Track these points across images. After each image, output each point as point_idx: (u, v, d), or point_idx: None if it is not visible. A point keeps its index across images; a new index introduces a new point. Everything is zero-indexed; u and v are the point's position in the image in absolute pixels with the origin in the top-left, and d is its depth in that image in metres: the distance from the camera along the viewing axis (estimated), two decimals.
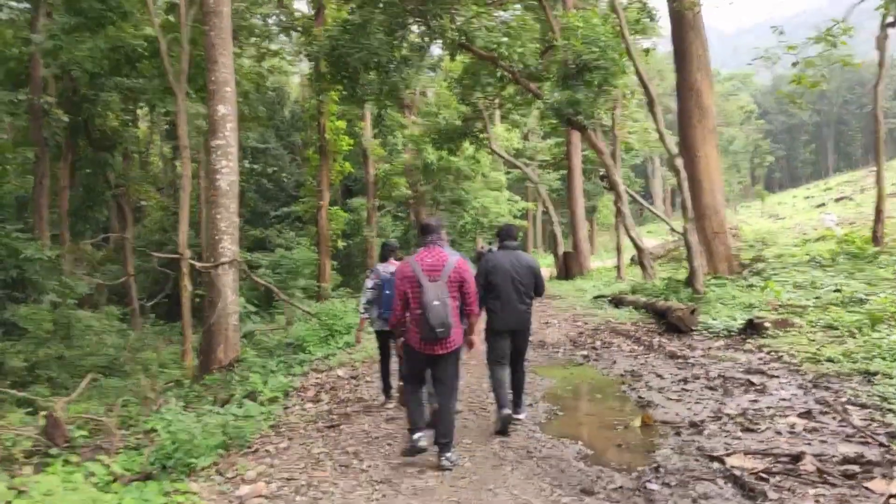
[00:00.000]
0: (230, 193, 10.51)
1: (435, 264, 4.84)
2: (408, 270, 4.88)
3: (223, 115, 10.59)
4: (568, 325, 12.38)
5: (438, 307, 4.64)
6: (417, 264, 4.85)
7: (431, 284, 4.72)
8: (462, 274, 4.87)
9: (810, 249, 17.47)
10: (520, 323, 5.80)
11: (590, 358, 8.89)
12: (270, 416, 6.62)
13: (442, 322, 4.63)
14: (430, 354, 4.84)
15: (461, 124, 27.18)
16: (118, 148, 23.38)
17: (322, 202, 25.05)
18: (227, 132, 10.58)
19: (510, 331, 5.79)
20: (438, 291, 4.70)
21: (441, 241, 5.07)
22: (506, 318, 5.72)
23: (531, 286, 5.81)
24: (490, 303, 5.75)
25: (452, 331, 4.75)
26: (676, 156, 13.04)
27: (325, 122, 24.99)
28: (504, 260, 5.80)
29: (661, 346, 9.36)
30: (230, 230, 10.49)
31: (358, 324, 7.38)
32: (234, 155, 10.76)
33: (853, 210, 46.05)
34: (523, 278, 5.74)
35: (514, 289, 5.70)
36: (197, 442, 5.22)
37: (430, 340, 4.74)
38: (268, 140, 40.06)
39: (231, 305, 10.33)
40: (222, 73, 10.62)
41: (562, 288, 21.11)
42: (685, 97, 14.10)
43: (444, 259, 4.87)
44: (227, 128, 10.61)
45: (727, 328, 10.04)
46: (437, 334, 4.65)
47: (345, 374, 8.86)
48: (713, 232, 13.69)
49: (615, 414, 6.02)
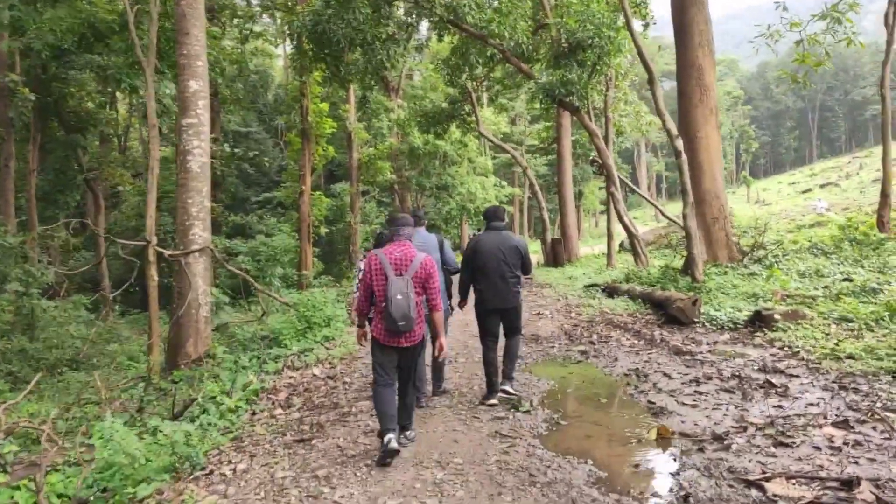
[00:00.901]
0: (202, 176, 9.78)
1: (402, 259, 4.87)
2: (375, 263, 4.88)
3: (195, 91, 9.84)
4: (561, 316, 11.70)
5: (401, 301, 4.69)
6: (385, 257, 4.86)
7: (397, 279, 4.76)
8: (428, 270, 4.90)
9: (808, 235, 16.94)
10: (506, 301, 5.97)
11: (588, 354, 8.20)
12: (234, 425, 5.87)
13: (404, 315, 4.69)
14: (395, 346, 4.89)
15: (448, 107, 26.35)
16: (92, 130, 22.43)
17: (304, 187, 24.23)
18: (199, 110, 9.85)
19: (498, 310, 6.02)
20: (403, 286, 4.74)
21: (409, 236, 5.06)
22: (492, 298, 5.97)
23: (517, 266, 5.99)
24: (477, 283, 6.02)
25: (415, 324, 4.81)
26: (677, 137, 12.34)
27: (308, 105, 24.18)
28: (490, 241, 5.99)
29: (663, 341, 8.70)
30: (202, 215, 9.76)
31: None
32: (207, 134, 10.01)
33: (839, 195, 45.95)
34: (509, 258, 5.91)
35: (500, 269, 5.89)
36: (139, 465, 4.46)
37: (393, 333, 4.79)
38: (250, 124, 39.05)
39: (202, 296, 9.62)
40: (194, 47, 9.89)
41: (551, 276, 20.45)
42: (686, 75, 13.39)
43: (411, 255, 4.90)
44: (199, 105, 9.87)
45: (732, 320, 9.43)
46: (399, 328, 4.71)
47: (321, 374, 8.11)
48: (713, 217, 13.04)
49: (625, 423, 5.33)
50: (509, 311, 6.06)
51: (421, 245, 5.74)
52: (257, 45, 35.44)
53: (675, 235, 25.80)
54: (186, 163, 9.67)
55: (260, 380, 7.83)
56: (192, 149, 9.70)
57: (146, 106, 11.22)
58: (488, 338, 6.16)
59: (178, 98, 10.05)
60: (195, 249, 9.54)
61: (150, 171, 11.40)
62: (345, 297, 14.33)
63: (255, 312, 13.77)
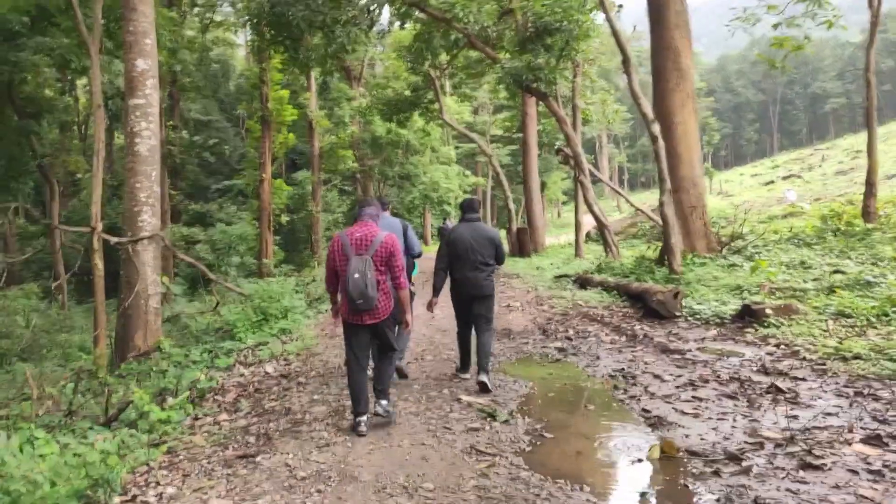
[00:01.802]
0: (150, 159, 9.15)
1: (363, 238, 4.90)
2: (337, 244, 4.95)
3: (142, 70, 9.18)
4: (533, 308, 10.99)
5: (358, 280, 4.70)
6: (347, 237, 4.93)
7: (356, 258, 4.79)
8: (389, 248, 4.91)
9: (784, 226, 16.53)
10: (479, 289, 6.18)
11: (566, 351, 7.48)
12: (170, 434, 5.02)
13: (361, 293, 4.69)
14: (360, 324, 4.92)
15: (411, 94, 25.48)
16: (48, 117, 21.30)
17: (264, 175, 23.33)
18: (148, 90, 9.21)
19: (471, 297, 6.23)
20: (360, 265, 4.75)
21: (373, 217, 5.11)
22: (467, 286, 6.20)
23: (491, 256, 6.21)
24: (453, 272, 6.27)
25: (377, 302, 4.81)
26: (653, 121, 11.70)
27: (268, 92, 23.27)
28: (465, 232, 6.22)
29: (647, 337, 8.03)
30: (150, 201, 9.12)
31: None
32: (156, 116, 9.38)
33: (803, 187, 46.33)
34: (483, 249, 6.14)
35: (474, 259, 6.11)
36: (43, 493, 3.61)
37: (354, 311, 4.84)
38: (210, 112, 37.71)
39: (151, 286, 8.99)
40: (141, 23, 9.23)
41: (518, 266, 19.79)
42: (661, 57, 12.75)
43: (373, 234, 4.93)
44: (148, 85, 9.23)
45: (717, 314, 8.83)
46: (357, 306, 4.74)
47: (274, 372, 7.26)
48: (690, 206, 12.46)
49: (620, 436, 4.60)
50: (483, 298, 6.24)
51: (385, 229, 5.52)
52: (218, 34, 34.26)
53: (642, 225, 25.39)
54: (134, 146, 9.08)
55: (209, 377, 7.02)
56: (141, 131, 9.11)
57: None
58: (462, 324, 6.51)
59: (125, 78, 9.37)
60: (144, 237, 8.93)
61: (96, 154, 10.63)
62: (304, 286, 13.45)
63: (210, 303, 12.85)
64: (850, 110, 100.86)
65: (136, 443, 4.78)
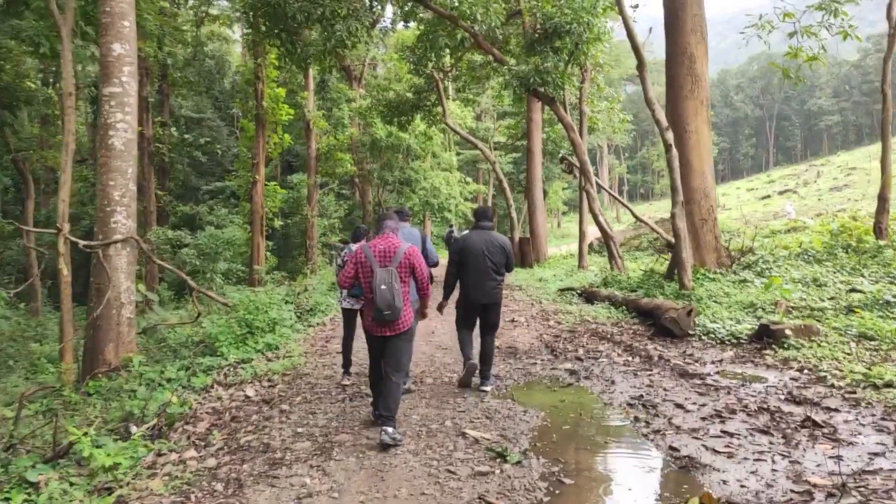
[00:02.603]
0: (126, 155, 8.40)
1: (386, 251, 5.04)
2: (361, 256, 5.11)
3: (119, 55, 8.45)
4: (538, 324, 10.46)
5: (385, 291, 4.87)
6: (370, 251, 5.07)
7: (381, 270, 4.96)
8: (411, 260, 5.09)
9: (788, 241, 16.04)
10: (490, 297, 6.31)
11: (578, 374, 6.94)
12: (123, 479, 4.36)
13: (388, 305, 4.86)
14: (381, 336, 5.08)
15: (413, 97, 24.95)
16: (26, 108, 20.53)
17: (257, 176, 22.61)
18: (125, 77, 8.45)
19: (482, 304, 6.36)
20: (387, 276, 4.92)
21: (394, 229, 5.27)
22: (477, 293, 6.32)
23: (502, 264, 6.35)
24: (463, 279, 6.37)
25: (401, 313, 4.95)
26: (667, 128, 11.21)
27: (264, 89, 22.57)
28: (478, 240, 6.34)
29: (661, 358, 7.51)
30: (125, 200, 8.37)
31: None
32: (133, 107, 8.60)
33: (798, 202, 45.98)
34: (494, 257, 6.27)
35: (486, 267, 6.24)
36: None
37: (379, 322, 4.98)
38: (203, 110, 37.04)
39: (125, 294, 8.26)
40: (119, 4, 8.51)
41: (520, 277, 19.27)
42: (676, 63, 12.27)
43: (395, 246, 5.08)
44: (125, 72, 8.48)
45: (733, 334, 8.33)
46: (384, 316, 4.88)
47: (255, 395, 6.66)
48: (701, 219, 11.96)
49: (649, 482, 4.07)
50: (491, 305, 6.36)
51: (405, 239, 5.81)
52: (214, 28, 33.65)
53: (644, 237, 24.91)
54: (108, 139, 8.33)
55: (181, 400, 6.41)
56: (115, 122, 8.36)
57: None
58: (466, 326, 6.57)
59: (100, 63, 8.61)
60: (117, 240, 8.20)
61: (65, 148, 9.89)
62: (294, 296, 12.86)
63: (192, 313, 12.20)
64: (844, 127, 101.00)
65: (81, 488, 4.12)
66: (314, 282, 16.03)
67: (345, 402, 6.19)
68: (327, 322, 11.52)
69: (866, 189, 51.86)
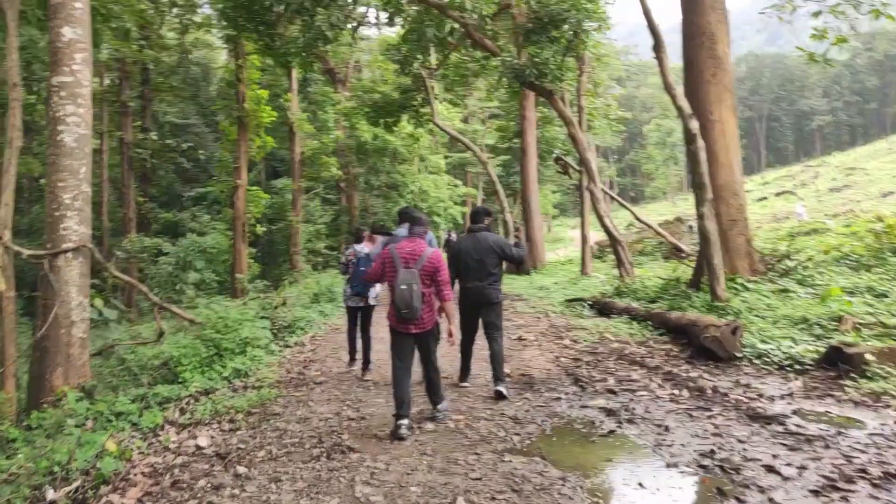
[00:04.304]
0: (78, 152, 7.25)
1: (412, 253, 5.29)
2: (387, 256, 5.37)
3: (70, 40, 7.35)
4: (551, 343, 8.98)
5: (404, 291, 5.09)
6: (396, 252, 5.30)
7: (405, 271, 5.18)
8: (435, 264, 5.30)
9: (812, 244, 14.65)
10: (486, 297, 6.38)
11: (618, 416, 5.45)
12: None
13: (407, 304, 5.09)
14: (406, 332, 5.28)
15: (399, 96, 23.48)
16: None
17: (239, 181, 21.26)
18: (76, 65, 7.32)
19: (478, 304, 6.44)
20: (409, 277, 5.14)
21: (421, 235, 5.47)
22: (470, 295, 6.48)
23: (495, 265, 6.40)
24: (461, 281, 6.52)
25: (421, 313, 5.18)
26: (691, 116, 9.83)
27: (245, 91, 21.22)
28: (468, 244, 6.46)
29: (716, 391, 6.06)
30: (77, 204, 7.17)
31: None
32: (88, 99, 7.44)
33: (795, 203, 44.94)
34: (485, 258, 6.35)
35: (478, 269, 6.36)
36: None
37: (401, 320, 5.23)
38: (188, 116, 35.57)
39: (76, 310, 7.03)
40: None
41: (517, 285, 17.84)
42: (695, 45, 10.86)
43: (420, 250, 5.31)
44: (77, 59, 7.35)
45: (792, 357, 6.92)
46: (403, 315, 5.15)
47: (209, 445, 5.15)
48: (730, 220, 10.52)
49: None
50: (490, 305, 6.40)
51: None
52: (199, 35, 32.32)
53: (647, 242, 23.57)
54: (57, 134, 7.15)
55: (120, 448, 4.98)
56: (66, 116, 7.18)
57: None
58: (466, 332, 6.62)
59: (49, 50, 7.52)
60: (67, 248, 6.97)
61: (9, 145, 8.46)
62: (271, 310, 11.28)
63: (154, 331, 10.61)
64: (837, 128, 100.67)
65: None
66: (295, 292, 14.49)
67: (321, 461, 4.68)
68: (307, 342, 9.96)
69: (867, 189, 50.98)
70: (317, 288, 15.40)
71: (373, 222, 28.46)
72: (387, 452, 4.62)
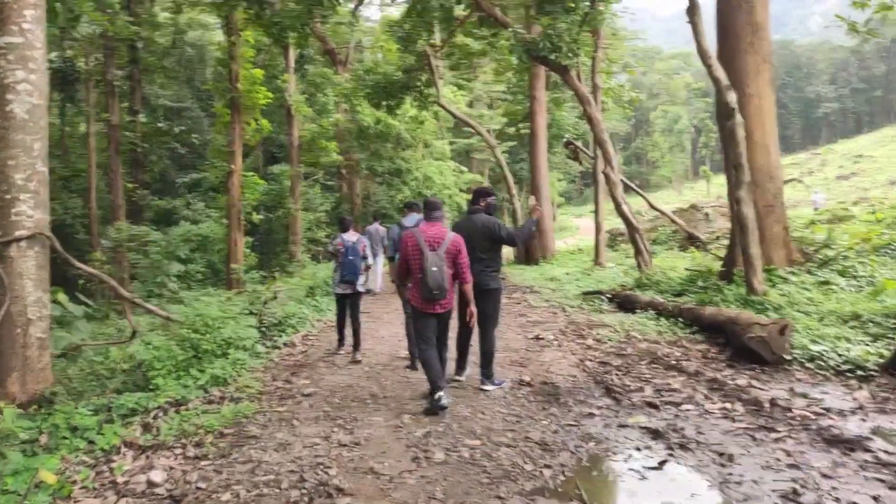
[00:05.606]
0: (32, 126, 6.22)
1: (436, 236, 5.46)
2: (412, 240, 5.48)
3: None
4: (573, 343, 8.05)
5: (436, 272, 5.30)
6: (421, 235, 5.46)
7: (431, 253, 5.36)
8: (458, 246, 5.49)
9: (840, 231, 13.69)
10: (480, 284, 6.01)
11: (667, 439, 4.51)
12: None
13: (438, 285, 5.30)
14: (431, 313, 5.47)
15: (402, 76, 22.42)
16: None
17: (233, 166, 20.12)
18: (26, 24, 6.24)
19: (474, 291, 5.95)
20: (436, 259, 5.34)
21: (440, 219, 5.65)
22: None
23: (488, 248, 6.15)
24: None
25: (447, 294, 5.40)
26: (728, 87, 8.85)
27: (238, 70, 20.12)
28: (462, 228, 6.18)
29: (775, 405, 5.14)
30: (32, 185, 6.19)
31: None
32: (41, 63, 6.41)
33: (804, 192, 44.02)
34: (478, 244, 6.07)
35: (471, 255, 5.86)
36: None
37: (428, 300, 5.40)
38: (183, 100, 34.56)
39: (34, 307, 6.11)
40: None
41: (527, 276, 16.92)
42: (730, 7, 9.87)
43: (443, 233, 5.51)
44: (27, 17, 6.26)
45: (850, 361, 6.01)
46: (433, 295, 5.33)
47: (166, 482, 4.12)
48: (766, 205, 9.57)
49: None
50: (486, 292, 6.08)
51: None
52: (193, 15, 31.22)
53: (663, 230, 22.63)
54: (6, 104, 6.09)
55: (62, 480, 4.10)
56: (15, 84, 6.13)
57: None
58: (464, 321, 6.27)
59: None
60: (20, 237, 6.02)
61: None
62: (260, 305, 10.32)
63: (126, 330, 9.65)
64: (843, 115, 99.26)
65: None
66: (288, 285, 13.53)
67: None
68: (298, 342, 9.01)
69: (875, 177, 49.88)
70: (312, 280, 14.43)
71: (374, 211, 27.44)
72: (385, 496, 3.65)
